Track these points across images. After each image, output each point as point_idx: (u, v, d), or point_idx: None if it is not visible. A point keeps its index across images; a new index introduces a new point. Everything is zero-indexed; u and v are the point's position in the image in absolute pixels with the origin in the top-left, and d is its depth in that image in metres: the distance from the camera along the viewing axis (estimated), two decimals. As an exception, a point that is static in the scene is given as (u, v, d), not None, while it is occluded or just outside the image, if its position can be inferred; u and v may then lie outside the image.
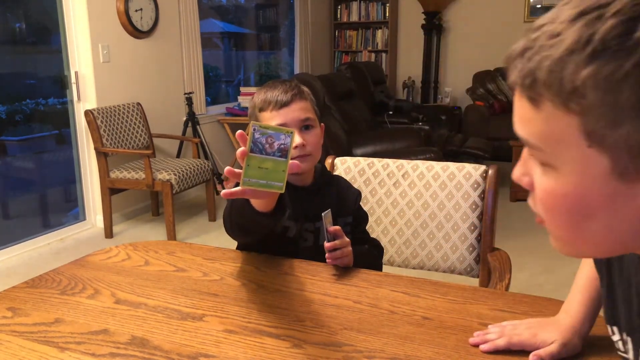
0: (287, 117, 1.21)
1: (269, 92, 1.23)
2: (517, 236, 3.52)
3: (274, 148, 0.84)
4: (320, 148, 1.29)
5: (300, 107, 1.23)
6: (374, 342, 0.87)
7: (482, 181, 1.52)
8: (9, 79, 3.47)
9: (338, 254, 1.16)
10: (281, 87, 1.23)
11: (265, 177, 0.84)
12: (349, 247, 1.17)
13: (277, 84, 1.25)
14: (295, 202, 1.28)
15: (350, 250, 1.18)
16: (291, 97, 1.21)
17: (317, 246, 1.27)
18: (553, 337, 0.84)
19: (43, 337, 0.90)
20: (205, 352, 0.85)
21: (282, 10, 6.32)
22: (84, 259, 1.24)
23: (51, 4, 3.54)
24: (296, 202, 1.28)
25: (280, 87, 1.23)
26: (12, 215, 3.63)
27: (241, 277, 1.12)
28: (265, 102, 1.23)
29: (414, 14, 6.56)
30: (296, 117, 1.22)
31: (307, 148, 1.22)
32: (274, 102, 1.21)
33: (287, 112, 1.21)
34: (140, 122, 3.83)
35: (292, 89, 1.23)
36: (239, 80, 5.92)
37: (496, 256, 1.47)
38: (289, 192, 1.26)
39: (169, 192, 3.40)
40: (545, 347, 0.83)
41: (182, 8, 4.33)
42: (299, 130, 1.22)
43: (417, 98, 6.65)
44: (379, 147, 3.84)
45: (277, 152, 0.84)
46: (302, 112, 1.23)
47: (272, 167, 0.84)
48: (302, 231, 1.28)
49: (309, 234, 1.29)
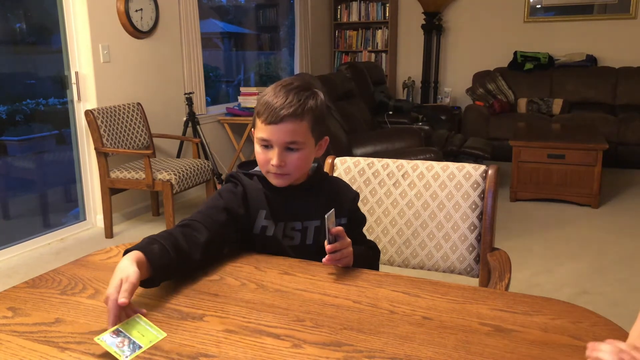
0: (273, 136, 1.19)
1: (271, 97, 1.19)
2: (517, 236, 3.52)
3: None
4: (306, 166, 1.26)
5: (289, 129, 1.18)
6: (374, 342, 0.88)
7: (482, 181, 1.52)
8: (9, 79, 3.47)
9: (337, 255, 1.16)
10: (284, 97, 1.18)
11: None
12: (349, 248, 1.18)
13: (283, 91, 1.19)
14: (282, 200, 1.28)
15: (351, 250, 1.18)
16: (282, 117, 1.17)
17: (304, 245, 1.28)
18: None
19: (43, 337, 0.90)
20: (205, 352, 0.85)
21: (282, 10, 6.32)
22: (84, 259, 1.24)
23: (51, 4, 3.54)
24: (283, 200, 1.28)
25: (282, 98, 1.18)
26: (12, 215, 3.63)
27: (241, 277, 1.12)
28: (262, 107, 1.19)
29: (414, 14, 6.56)
30: (281, 138, 1.18)
31: (285, 168, 1.21)
32: (266, 113, 1.18)
33: (273, 131, 1.18)
34: (140, 122, 3.84)
35: (290, 105, 1.17)
36: (239, 81, 5.92)
37: (496, 256, 1.47)
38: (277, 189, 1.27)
39: (169, 192, 3.40)
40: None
41: (182, 8, 4.33)
42: (282, 149, 1.19)
43: (417, 98, 6.65)
44: (379, 147, 3.84)
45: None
46: (289, 135, 1.18)
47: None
48: (287, 229, 1.27)
49: (295, 232, 1.28)
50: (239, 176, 1.30)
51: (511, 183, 4.37)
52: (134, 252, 1.03)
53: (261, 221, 1.27)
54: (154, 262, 1.04)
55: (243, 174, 1.31)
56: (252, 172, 1.31)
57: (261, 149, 1.22)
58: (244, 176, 1.30)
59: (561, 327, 0.91)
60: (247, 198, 1.27)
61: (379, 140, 3.97)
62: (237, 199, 1.26)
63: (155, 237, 1.10)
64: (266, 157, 1.21)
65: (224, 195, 1.27)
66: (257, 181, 1.29)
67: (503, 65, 6.16)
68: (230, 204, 1.25)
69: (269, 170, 1.23)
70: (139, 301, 1.02)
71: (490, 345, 0.87)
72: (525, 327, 0.91)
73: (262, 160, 1.23)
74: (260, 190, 1.28)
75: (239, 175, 1.30)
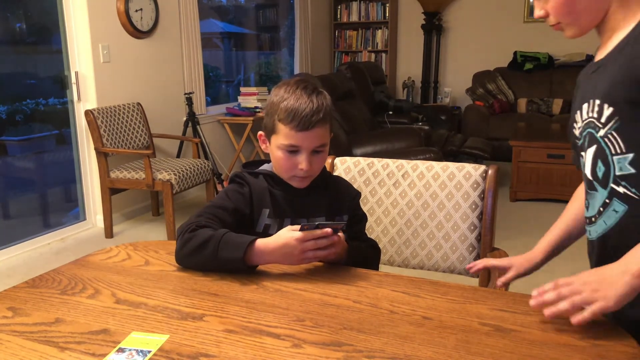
0: (304, 142, 1.19)
1: (296, 103, 1.17)
2: (517, 236, 3.52)
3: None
4: (324, 164, 1.31)
5: (320, 133, 1.20)
6: (374, 342, 0.88)
7: (481, 181, 1.52)
8: (9, 79, 3.47)
9: (310, 244, 1.10)
10: (309, 102, 1.17)
11: None
12: (334, 237, 1.13)
13: (305, 95, 1.18)
14: (286, 198, 1.28)
15: (338, 239, 1.15)
16: (315, 123, 1.17)
17: None
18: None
19: (43, 337, 0.90)
20: (205, 352, 0.85)
21: (282, 11, 6.32)
22: (84, 259, 1.24)
23: (51, 4, 3.54)
24: (288, 198, 1.28)
25: (308, 103, 1.17)
26: (12, 215, 3.63)
27: (241, 277, 1.12)
28: (289, 115, 1.17)
29: (414, 14, 6.56)
30: (312, 143, 1.20)
31: (310, 171, 1.22)
32: (297, 121, 1.17)
33: (304, 137, 1.18)
34: (140, 122, 3.84)
35: (319, 110, 1.17)
36: (239, 81, 5.92)
37: (496, 256, 1.47)
38: (282, 188, 1.27)
39: (169, 192, 3.40)
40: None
41: (182, 8, 4.33)
42: (310, 154, 1.21)
43: (417, 98, 6.65)
44: (379, 147, 3.85)
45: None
46: (319, 139, 1.20)
47: None
48: None
49: None
50: (244, 176, 1.31)
51: (511, 183, 4.37)
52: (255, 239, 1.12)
53: (264, 220, 1.27)
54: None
55: (248, 173, 1.31)
56: (257, 170, 1.32)
57: (286, 155, 1.21)
58: (248, 175, 1.31)
59: (561, 327, 0.91)
60: (253, 197, 1.28)
61: (379, 140, 3.97)
62: (245, 199, 1.27)
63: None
64: (293, 162, 1.21)
65: (232, 196, 1.27)
66: (262, 180, 1.30)
67: (503, 65, 6.16)
68: (239, 205, 1.26)
69: (295, 174, 1.23)
70: (138, 300, 1.02)
71: (490, 345, 0.87)
72: (525, 327, 0.91)
73: (289, 165, 1.22)
74: (265, 188, 1.28)
75: (244, 175, 1.31)
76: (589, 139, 0.99)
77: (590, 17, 0.97)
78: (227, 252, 1.10)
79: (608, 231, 0.98)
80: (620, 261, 0.88)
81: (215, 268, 1.13)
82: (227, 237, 1.12)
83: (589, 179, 1.01)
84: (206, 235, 1.13)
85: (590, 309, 0.84)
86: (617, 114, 0.91)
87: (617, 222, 0.96)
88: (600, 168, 0.96)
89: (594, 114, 0.96)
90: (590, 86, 0.99)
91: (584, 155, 1.02)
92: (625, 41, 0.93)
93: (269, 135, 1.26)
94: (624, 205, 0.94)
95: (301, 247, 1.09)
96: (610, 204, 0.96)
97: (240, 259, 1.09)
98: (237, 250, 1.10)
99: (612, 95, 0.92)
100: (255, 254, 1.11)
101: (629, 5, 0.94)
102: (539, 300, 0.89)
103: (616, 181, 0.94)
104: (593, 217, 1.02)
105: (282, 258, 1.12)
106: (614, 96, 0.91)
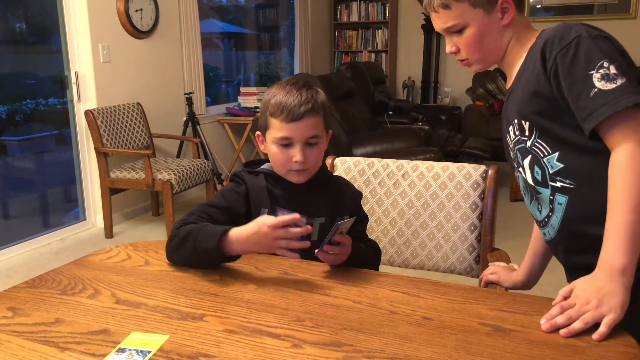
0: (295, 133, 1.21)
1: (285, 97, 1.21)
2: (517, 236, 3.52)
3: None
4: (322, 159, 1.30)
5: (310, 124, 1.22)
6: (374, 342, 0.88)
7: (482, 181, 1.52)
8: (9, 79, 3.47)
9: (331, 258, 1.15)
10: (297, 95, 1.21)
11: None
12: (347, 249, 1.17)
13: (294, 89, 1.22)
14: (286, 198, 1.28)
15: (347, 252, 1.17)
16: (304, 113, 1.20)
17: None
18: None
19: (43, 337, 0.90)
20: (205, 352, 0.85)
21: (282, 10, 6.32)
22: (84, 259, 1.24)
23: (51, 4, 3.54)
24: (288, 197, 1.28)
25: (297, 95, 1.21)
26: (12, 215, 3.63)
27: (241, 277, 1.12)
28: (278, 108, 1.21)
29: (414, 14, 6.56)
30: (303, 134, 1.22)
31: (306, 164, 1.23)
32: (286, 112, 1.20)
33: (295, 128, 1.21)
34: (140, 122, 3.84)
35: (307, 101, 1.21)
36: (239, 81, 5.92)
37: (496, 256, 1.47)
38: (282, 186, 1.27)
39: (169, 192, 3.40)
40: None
41: (182, 8, 4.33)
42: (303, 145, 1.22)
43: (417, 98, 6.65)
44: (379, 147, 3.85)
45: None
46: (311, 130, 1.22)
47: None
48: (290, 226, 1.27)
49: None
50: (242, 175, 1.31)
51: (511, 183, 4.37)
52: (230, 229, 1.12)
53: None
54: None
55: (247, 172, 1.31)
56: (257, 169, 1.32)
57: (280, 149, 1.23)
58: (247, 175, 1.31)
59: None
60: (250, 197, 1.28)
61: (379, 140, 3.97)
62: (240, 198, 1.27)
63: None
64: (287, 155, 1.23)
65: (227, 194, 1.28)
66: (262, 178, 1.30)
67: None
68: (234, 204, 1.26)
69: (291, 168, 1.25)
70: (138, 300, 1.02)
71: (490, 345, 0.86)
72: (525, 327, 0.91)
73: (283, 159, 1.24)
74: (264, 188, 1.28)
75: (242, 174, 1.31)
76: (522, 152, 1.14)
77: (494, 53, 1.16)
78: (203, 243, 1.11)
79: (561, 224, 1.10)
80: (600, 265, 0.95)
81: (197, 261, 1.14)
82: (205, 228, 1.13)
83: (531, 185, 1.14)
84: (188, 229, 1.14)
85: (605, 324, 0.88)
86: (534, 125, 1.08)
87: (565, 213, 1.09)
88: (537, 172, 1.11)
89: (518, 131, 1.13)
90: (508, 111, 1.17)
91: (522, 170, 1.15)
92: (522, 69, 1.13)
93: (264, 133, 1.28)
94: (565, 196, 1.08)
95: (274, 234, 1.07)
96: (555, 199, 1.10)
97: (214, 248, 1.09)
98: (211, 239, 1.10)
99: (524, 112, 1.09)
100: (230, 243, 1.11)
101: (521, 41, 1.14)
102: (552, 324, 0.90)
103: (552, 178, 1.09)
104: (546, 217, 1.14)
105: (255, 246, 1.11)
106: (525, 112, 1.09)
